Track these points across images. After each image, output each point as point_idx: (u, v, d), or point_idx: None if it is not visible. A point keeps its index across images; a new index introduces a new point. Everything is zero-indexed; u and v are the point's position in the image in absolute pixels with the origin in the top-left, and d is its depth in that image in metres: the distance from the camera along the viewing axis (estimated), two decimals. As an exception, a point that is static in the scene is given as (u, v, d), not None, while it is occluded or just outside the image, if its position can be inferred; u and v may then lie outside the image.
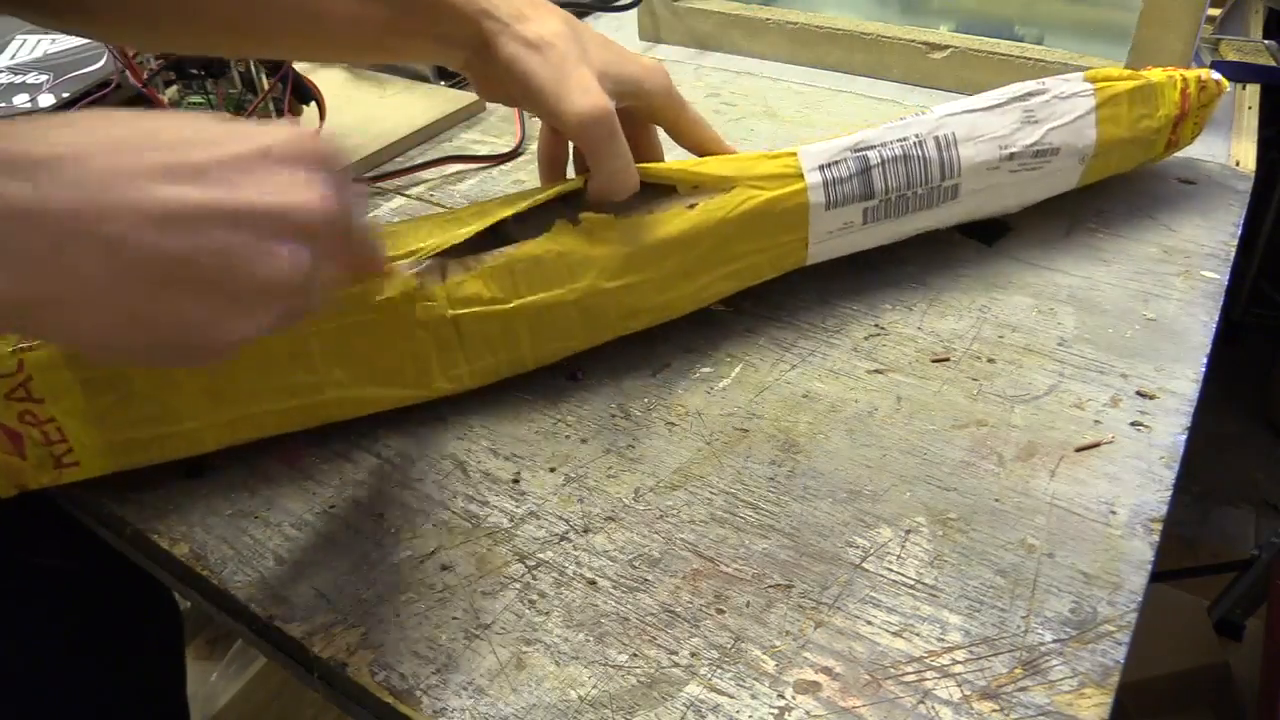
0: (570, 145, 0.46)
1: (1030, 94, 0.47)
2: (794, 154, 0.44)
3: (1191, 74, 0.51)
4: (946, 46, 0.68)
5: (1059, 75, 0.49)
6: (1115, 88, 0.49)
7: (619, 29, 0.84)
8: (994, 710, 0.30)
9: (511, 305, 0.40)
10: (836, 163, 0.44)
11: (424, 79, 0.73)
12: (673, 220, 0.42)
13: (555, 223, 0.41)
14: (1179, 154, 0.58)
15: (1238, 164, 0.58)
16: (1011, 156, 0.47)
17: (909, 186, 0.45)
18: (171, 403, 0.37)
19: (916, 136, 0.45)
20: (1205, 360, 0.43)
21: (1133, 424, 0.40)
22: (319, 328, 0.38)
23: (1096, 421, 0.40)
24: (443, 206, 0.59)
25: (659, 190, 0.43)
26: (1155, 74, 0.51)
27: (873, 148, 0.44)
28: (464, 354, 0.41)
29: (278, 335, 0.36)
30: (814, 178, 0.43)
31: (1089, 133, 0.48)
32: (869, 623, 0.33)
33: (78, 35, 0.58)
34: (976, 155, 0.46)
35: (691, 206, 0.42)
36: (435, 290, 0.39)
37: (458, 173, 0.62)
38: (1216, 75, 0.52)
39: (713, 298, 0.45)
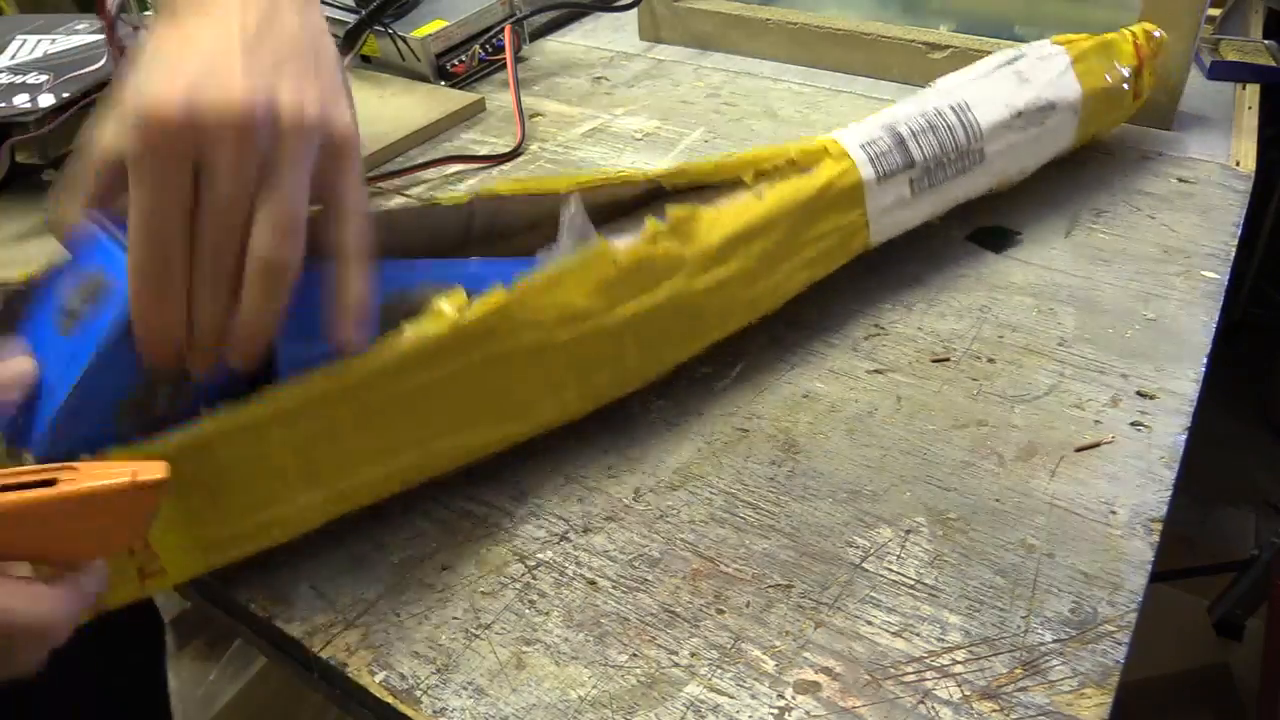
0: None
1: (1012, 59, 0.51)
2: (833, 139, 0.46)
3: (1137, 27, 0.55)
4: (946, 46, 0.68)
5: (1029, 43, 0.53)
6: (1080, 45, 0.53)
7: (619, 29, 0.84)
8: (994, 710, 0.30)
9: (614, 315, 0.38)
10: (875, 140, 0.46)
11: (424, 79, 0.73)
12: (746, 210, 0.43)
13: (648, 221, 0.40)
14: (1177, 153, 0.58)
15: (1238, 164, 0.58)
16: (1020, 114, 0.49)
17: (942, 152, 0.47)
18: (264, 487, 0.33)
19: (935, 108, 0.47)
20: (1205, 360, 0.43)
21: (1133, 424, 0.40)
22: (427, 379, 0.35)
23: (1096, 421, 0.40)
24: (443, 206, 0.58)
25: (723, 185, 0.45)
26: (1106, 35, 0.55)
27: (900, 122, 0.47)
28: (574, 374, 0.39)
29: (376, 391, 0.34)
30: (859, 154, 0.45)
31: (1074, 85, 0.51)
32: (869, 623, 0.33)
33: None
34: (992, 116, 0.48)
35: (760, 196, 0.43)
36: (540, 307, 0.37)
37: (458, 173, 0.62)
38: (1157, 32, 0.55)
39: (794, 290, 0.45)
